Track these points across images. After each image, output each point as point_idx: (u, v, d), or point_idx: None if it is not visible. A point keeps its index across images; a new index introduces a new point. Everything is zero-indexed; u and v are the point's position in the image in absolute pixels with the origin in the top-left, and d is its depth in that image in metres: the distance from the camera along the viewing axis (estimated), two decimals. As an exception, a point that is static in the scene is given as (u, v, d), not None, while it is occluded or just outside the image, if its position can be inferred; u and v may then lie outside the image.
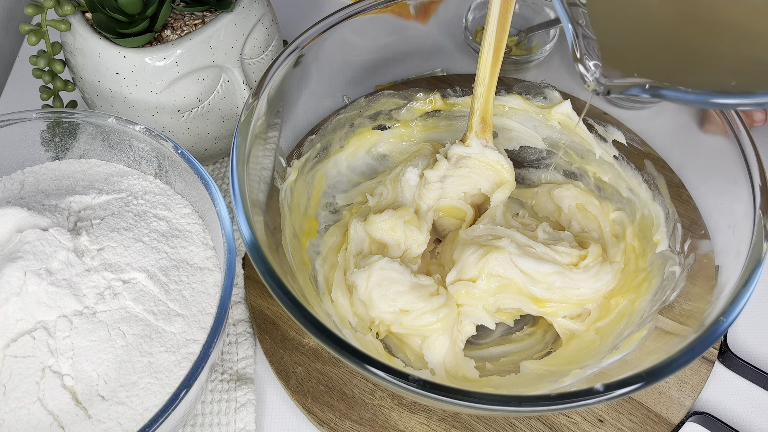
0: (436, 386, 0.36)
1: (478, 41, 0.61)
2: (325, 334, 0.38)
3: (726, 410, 0.50)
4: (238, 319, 0.53)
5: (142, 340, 0.44)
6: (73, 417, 0.41)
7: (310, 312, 0.39)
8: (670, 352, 0.37)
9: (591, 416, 0.48)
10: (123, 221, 0.48)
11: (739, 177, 0.44)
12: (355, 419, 0.48)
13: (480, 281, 0.48)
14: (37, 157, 0.53)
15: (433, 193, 0.53)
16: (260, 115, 0.47)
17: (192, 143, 0.57)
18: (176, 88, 0.52)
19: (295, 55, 0.49)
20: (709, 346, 0.37)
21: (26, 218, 0.46)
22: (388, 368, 0.37)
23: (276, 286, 0.40)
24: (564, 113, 0.55)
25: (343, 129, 0.57)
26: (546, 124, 0.57)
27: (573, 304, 0.49)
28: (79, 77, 0.55)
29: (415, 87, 0.58)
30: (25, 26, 0.53)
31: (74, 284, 0.44)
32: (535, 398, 0.36)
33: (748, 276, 0.39)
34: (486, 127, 0.52)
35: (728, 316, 0.38)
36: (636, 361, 0.42)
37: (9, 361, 0.42)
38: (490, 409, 0.36)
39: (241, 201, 0.43)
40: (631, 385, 0.36)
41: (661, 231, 0.50)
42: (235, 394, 0.50)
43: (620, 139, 0.54)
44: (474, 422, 0.48)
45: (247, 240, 0.41)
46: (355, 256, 0.51)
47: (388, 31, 0.56)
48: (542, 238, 0.51)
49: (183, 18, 0.54)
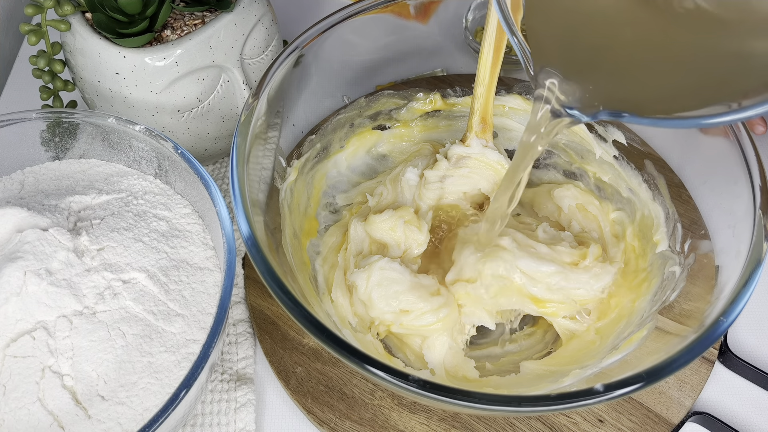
0: (436, 386, 0.36)
1: (478, 41, 0.61)
2: (325, 334, 0.38)
3: (726, 410, 0.50)
4: (238, 319, 0.53)
5: (142, 340, 0.44)
6: (73, 417, 0.41)
7: (310, 312, 0.39)
8: (670, 352, 0.37)
9: (591, 416, 0.48)
10: (123, 221, 0.48)
11: (739, 177, 0.44)
12: (355, 419, 0.48)
13: (480, 282, 0.48)
14: (37, 157, 0.53)
15: (433, 193, 0.53)
16: (260, 115, 0.47)
17: (192, 143, 0.57)
18: (176, 88, 0.52)
19: (295, 55, 0.49)
20: (709, 347, 0.37)
21: (26, 218, 0.46)
22: (388, 368, 0.37)
23: (276, 286, 0.40)
24: None
25: (343, 129, 0.57)
26: None
27: (573, 304, 0.49)
28: (79, 77, 0.55)
29: (415, 87, 0.58)
30: (25, 26, 0.53)
31: (74, 284, 0.44)
32: (535, 398, 0.36)
33: (748, 276, 0.39)
34: (486, 127, 0.52)
35: (728, 316, 0.38)
36: (636, 361, 0.42)
37: (9, 361, 0.42)
38: (490, 409, 0.36)
39: (241, 201, 0.43)
40: (631, 386, 0.36)
41: (661, 231, 0.50)
42: (235, 394, 0.49)
43: (620, 139, 0.54)
44: (474, 422, 0.48)
45: (247, 240, 0.41)
46: (355, 256, 0.51)
47: (388, 31, 0.56)
48: (542, 238, 0.51)
49: (183, 18, 0.54)
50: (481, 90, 0.50)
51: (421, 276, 0.49)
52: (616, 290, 0.50)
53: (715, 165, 0.47)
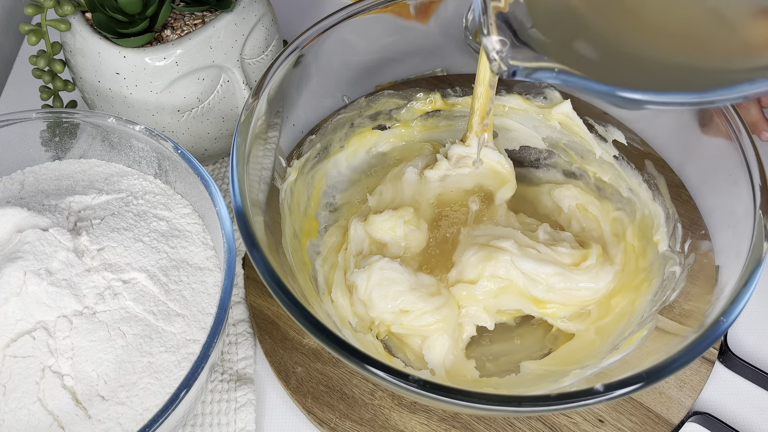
0: (436, 386, 0.36)
1: (478, 41, 0.61)
2: (325, 334, 0.38)
3: (726, 410, 0.50)
4: (238, 319, 0.53)
5: (142, 340, 0.44)
6: (73, 417, 0.41)
7: (310, 312, 0.39)
8: (670, 352, 0.37)
9: (591, 416, 0.48)
10: (123, 221, 0.48)
11: (739, 177, 0.44)
12: (355, 419, 0.48)
13: (481, 283, 0.48)
14: (37, 157, 0.53)
15: (434, 192, 0.53)
16: (260, 115, 0.47)
17: (192, 143, 0.57)
18: (176, 88, 0.52)
19: (295, 55, 0.49)
20: (709, 346, 0.37)
21: (26, 218, 0.46)
22: (388, 368, 0.37)
23: (276, 286, 0.40)
24: (564, 113, 0.55)
25: (343, 129, 0.57)
26: (546, 124, 0.57)
27: (573, 305, 0.49)
28: (79, 77, 0.55)
29: (415, 87, 0.58)
30: (25, 26, 0.53)
31: (74, 284, 0.44)
32: (535, 398, 0.36)
33: (748, 276, 0.39)
34: (486, 127, 0.52)
35: (728, 316, 0.38)
36: (636, 361, 0.42)
37: (9, 361, 0.42)
38: (490, 409, 0.36)
39: (241, 201, 0.43)
40: (631, 386, 0.36)
41: (661, 231, 0.50)
42: (235, 394, 0.49)
43: (620, 139, 0.54)
44: (474, 422, 0.48)
45: (247, 240, 0.41)
46: (355, 256, 0.51)
47: (388, 31, 0.56)
48: (543, 239, 0.51)
49: (183, 18, 0.54)
50: (481, 90, 0.50)
51: (421, 276, 0.49)
52: (616, 290, 0.50)
53: (715, 165, 0.47)
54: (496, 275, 0.48)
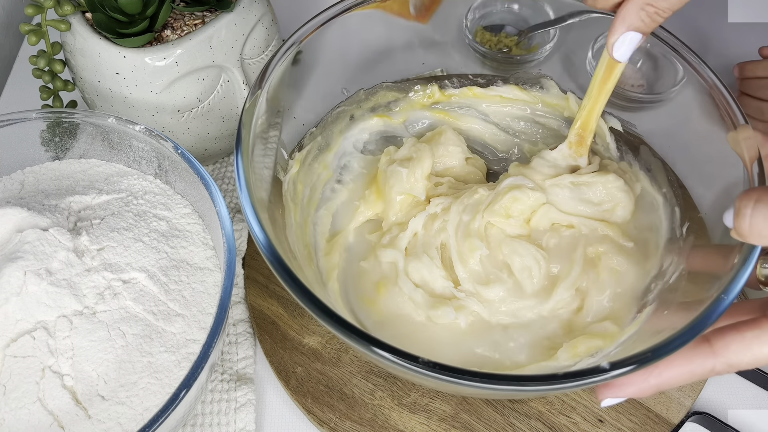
0: (444, 367, 0.36)
1: (478, 41, 0.61)
2: (334, 318, 0.38)
3: (726, 410, 0.50)
4: (238, 319, 0.53)
5: (142, 340, 0.44)
6: (73, 417, 0.41)
7: (319, 299, 0.39)
8: (674, 330, 0.37)
9: (591, 416, 0.48)
10: (123, 221, 0.48)
11: (740, 177, 0.44)
12: (355, 419, 0.48)
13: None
14: (37, 157, 0.53)
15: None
16: (261, 113, 0.47)
17: (192, 143, 0.57)
18: (176, 88, 0.52)
19: (295, 48, 0.49)
20: (711, 323, 0.37)
21: (26, 218, 0.46)
22: (397, 351, 0.36)
23: (285, 273, 0.39)
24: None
25: (343, 121, 0.56)
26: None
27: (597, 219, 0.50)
28: (79, 77, 0.55)
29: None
30: (25, 26, 0.53)
31: (74, 284, 0.44)
32: (541, 377, 0.36)
33: (747, 254, 0.39)
34: (582, 141, 0.51)
35: (728, 293, 0.38)
36: (640, 343, 0.42)
37: (9, 361, 0.42)
38: (496, 389, 0.36)
39: (247, 191, 0.42)
40: (637, 362, 0.36)
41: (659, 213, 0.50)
42: (235, 394, 0.50)
43: (617, 126, 0.54)
44: (474, 422, 0.48)
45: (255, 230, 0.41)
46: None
47: (389, 31, 0.56)
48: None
49: (183, 18, 0.54)
50: (587, 102, 0.49)
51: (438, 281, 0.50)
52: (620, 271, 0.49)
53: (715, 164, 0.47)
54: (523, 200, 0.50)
